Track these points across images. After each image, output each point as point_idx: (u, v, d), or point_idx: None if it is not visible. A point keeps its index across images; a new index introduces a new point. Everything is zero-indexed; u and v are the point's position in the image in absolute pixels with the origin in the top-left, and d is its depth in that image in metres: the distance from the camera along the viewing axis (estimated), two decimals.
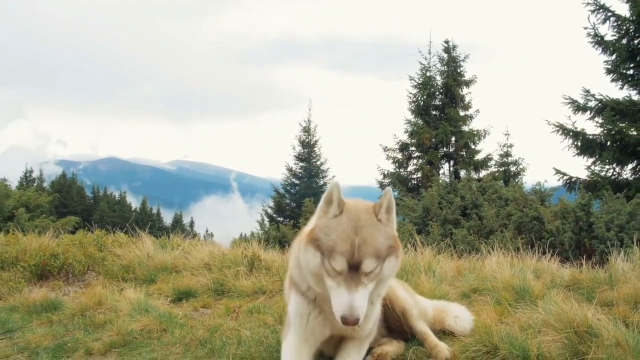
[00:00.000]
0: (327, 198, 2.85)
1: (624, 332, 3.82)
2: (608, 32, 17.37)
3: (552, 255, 6.79)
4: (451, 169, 29.35)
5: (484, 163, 28.47)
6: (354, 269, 2.71)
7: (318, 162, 39.11)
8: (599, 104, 16.78)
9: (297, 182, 38.43)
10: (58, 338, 4.44)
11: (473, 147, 29.19)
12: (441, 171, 29.38)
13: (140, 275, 6.67)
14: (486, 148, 29.29)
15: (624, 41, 16.76)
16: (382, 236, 2.80)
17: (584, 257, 7.00)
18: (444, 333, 4.32)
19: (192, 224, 78.34)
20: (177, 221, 71.32)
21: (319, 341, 3.28)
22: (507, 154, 28.69)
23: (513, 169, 28.07)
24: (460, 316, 4.35)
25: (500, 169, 27.94)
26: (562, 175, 18.27)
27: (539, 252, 6.75)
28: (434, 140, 28.40)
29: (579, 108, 17.14)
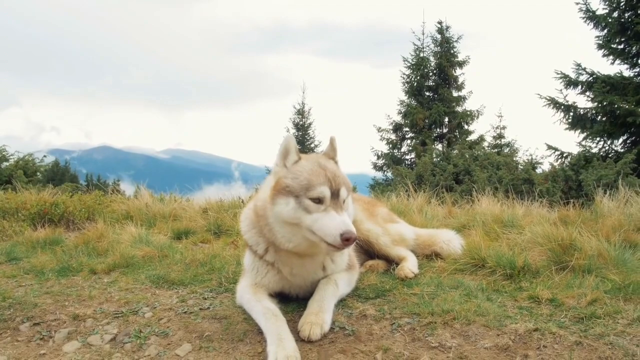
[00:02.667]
0: (284, 150, 3.13)
1: (605, 246, 4.01)
2: (599, 6, 17.54)
3: (541, 204, 6.98)
4: (444, 149, 29.58)
5: (477, 144, 28.66)
6: (335, 196, 2.97)
7: (312, 145, 39.17)
8: (590, 78, 16.94)
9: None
10: (62, 262, 4.59)
11: (466, 127, 29.34)
12: (434, 152, 29.61)
13: (140, 221, 6.81)
14: (479, 129, 29.51)
15: (615, 14, 16.91)
16: (342, 174, 3.18)
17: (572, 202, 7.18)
18: (436, 256, 4.51)
19: None
20: None
21: (270, 291, 3.42)
22: (500, 136, 28.90)
23: (506, 150, 28.29)
24: (450, 240, 4.54)
25: (494, 150, 28.17)
26: (553, 151, 18.44)
27: (527, 201, 6.92)
28: (427, 120, 28.53)
29: (570, 82, 17.30)
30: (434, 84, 29.83)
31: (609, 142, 17.01)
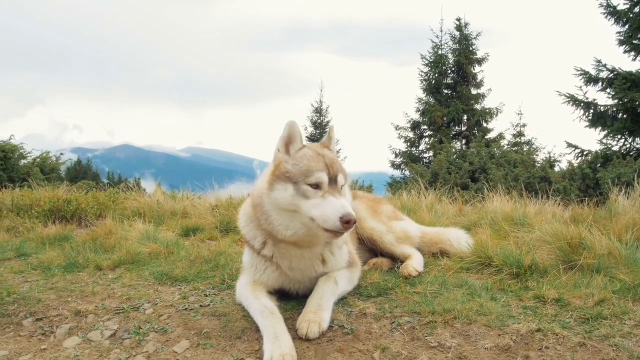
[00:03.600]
0: (288, 137, 3.11)
1: (616, 245, 3.91)
2: (620, 2, 17.18)
3: (556, 203, 6.85)
4: (463, 147, 29.28)
5: (495, 141, 28.31)
6: (332, 181, 2.98)
7: None
8: (611, 75, 16.60)
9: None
10: (69, 258, 4.63)
11: (485, 125, 29.03)
12: (453, 150, 29.33)
13: (150, 218, 6.85)
14: (498, 127, 29.17)
15: (637, 10, 16.54)
16: (340, 161, 3.18)
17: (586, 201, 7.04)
18: (443, 254, 4.45)
19: None
20: None
21: (270, 288, 3.40)
22: (520, 134, 28.55)
23: (526, 148, 27.92)
24: (458, 239, 4.47)
25: (514, 149, 27.82)
26: (573, 149, 18.15)
27: (542, 199, 6.80)
28: (445, 118, 28.29)
29: (590, 79, 16.98)
30: (452, 81, 29.55)
31: (630, 140, 16.66)
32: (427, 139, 29.65)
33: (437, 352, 2.73)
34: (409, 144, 29.69)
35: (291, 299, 3.43)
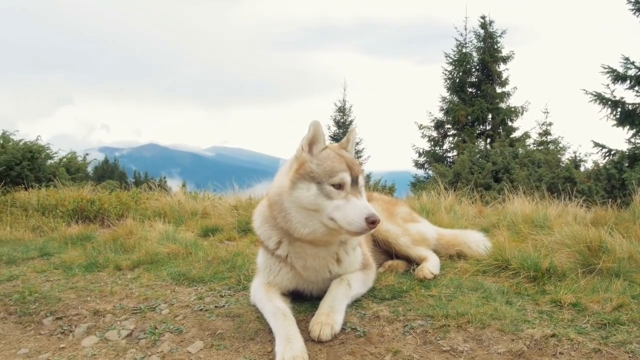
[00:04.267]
0: (313, 137, 3.16)
1: (638, 248, 3.83)
2: None
3: (579, 204, 6.73)
4: (487, 146, 28.94)
5: (521, 141, 27.92)
6: (354, 182, 3.06)
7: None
8: (639, 73, 16.25)
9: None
10: (90, 258, 4.72)
11: (510, 124, 28.64)
12: (476, 150, 28.96)
13: (170, 219, 6.94)
14: (524, 126, 28.74)
15: None
16: (359, 163, 3.26)
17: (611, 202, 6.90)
18: (461, 256, 4.41)
19: None
20: None
21: (284, 290, 3.42)
22: (547, 132, 28.09)
23: (552, 147, 27.46)
24: (476, 241, 4.43)
25: (539, 148, 27.38)
26: (600, 148, 17.80)
27: (565, 200, 6.69)
28: (469, 117, 28.01)
29: (618, 77, 16.61)
30: (476, 80, 29.21)
31: None
32: (451, 138, 29.41)
33: (449, 356, 2.71)
34: (432, 143, 29.47)
35: (305, 301, 3.44)
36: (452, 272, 4.03)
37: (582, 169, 11.87)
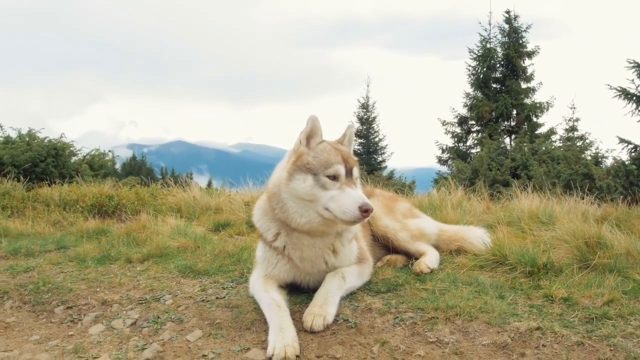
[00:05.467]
0: (310, 131, 3.31)
1: (637, 244, 3.84)
2: None
3: (591, 202, 6.68)
4: (512, 143, 28.56)
5: (546, 137, 27.51)
6: (349, 174, 3.19)
7: (377, 139, 38.85)
8: None
9: (355, 158, 38.33)
10: (104, 251, 4.91)
11: (535, 120, 28.25)
12: (502, 146, 28.61)
13: (185, 214, 7.13)
14: (549, 122, 28.27)
15: None
16: (354, 156, 3.38)
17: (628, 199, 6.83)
18: (460, 252, 4.47)
19: None
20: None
21: (282, 282, 3.54)
22: (573, 129, 27.59)
23: (579, 143, 26.97)
24: (476, 238, 4.47)
25: (566, 144, 26.91)
26: (626, 144, 17.48)
27: (577, 197, 6.65)
28: (493, 113, 27.72)
29: None
30: (501, 75, 28.85)
31: None
32: (474, 135, 29.16)
33: (435, 347, 2.80)
34: (456, 139, 29.26)
35: (302, 293, 3.55)
36: (450, 267, 4.09)
37: (603, 166, 11.70)
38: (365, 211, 2.99)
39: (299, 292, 3.57)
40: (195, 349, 2.97)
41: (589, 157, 12.48)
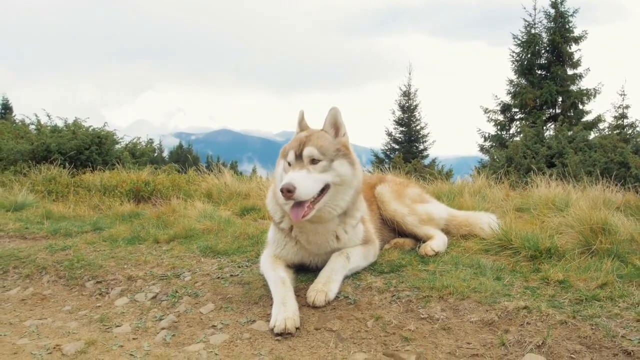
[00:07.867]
0: (298, 124, 3.65)
1: None
2: None
3: (619, 190, 6.62)
4: (556, 131, 27.91)
5: (593, 125, 26.72)
6: (298, 157, 3.32)
7: (418, 127, 38.55)
8: None
9: (397, 146, 38.18)
10: (134, 232, 5.27)
11: (581, 107, 27.46)
12: (546, 134, 27.95)
13: (215, 199, 7.46)
14: (597, 109, 27.43)
15: None
16: (326, 140, 3.40)
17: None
18: (470, 236, 4.59)
19: None
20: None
21: (290, 262, 3.75)
22: (623, 116, 26.69)
23: (629, 131, 26.10)
24: (487, 223, 4.57)
25: (614, 132, 26.09)
26: None
27: (602, 185, 6.59)
28: (537, 100, 27.12)
29: None
30: (546, 61, 28.12)
31: None
32: (518, 122, 28.60)
33: (425, 322, 2.98)
34: (498, 127, 28.77)
35: (309, 273, 3.77)
36: (457, 250, 4.22)
37: None
38: (287, 191, 3.07)
39: (307, 272, 3.79)
40: (207, 320, 3.26)
41: (624, 145, 12.17)
